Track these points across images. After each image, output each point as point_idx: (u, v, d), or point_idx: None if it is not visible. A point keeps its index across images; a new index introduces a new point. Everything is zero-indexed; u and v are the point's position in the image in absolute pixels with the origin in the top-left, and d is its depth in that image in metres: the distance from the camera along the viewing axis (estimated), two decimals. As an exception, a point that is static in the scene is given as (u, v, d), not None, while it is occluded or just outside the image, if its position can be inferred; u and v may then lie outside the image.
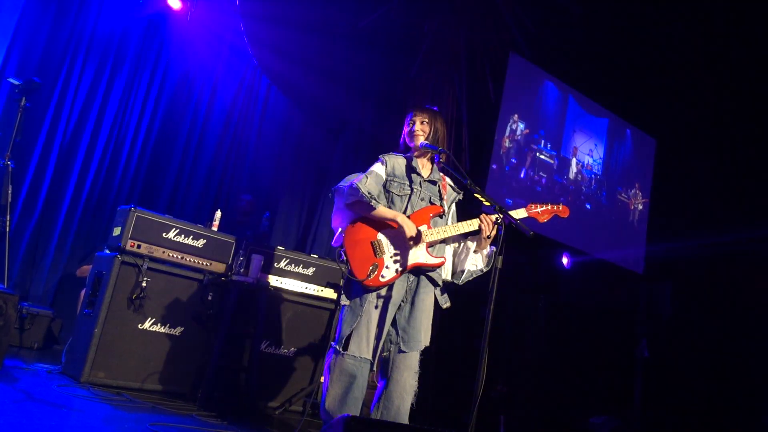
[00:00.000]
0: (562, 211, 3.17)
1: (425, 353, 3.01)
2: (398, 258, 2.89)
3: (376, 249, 2.88)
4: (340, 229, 2.98)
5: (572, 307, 7.91)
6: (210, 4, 6.65)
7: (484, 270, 3.07)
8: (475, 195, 2.88)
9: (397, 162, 3.05)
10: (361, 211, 2.91)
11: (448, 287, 3.12)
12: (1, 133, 4.89)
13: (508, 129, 7.41)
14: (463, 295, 6.17)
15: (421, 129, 3.07)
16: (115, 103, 6.17)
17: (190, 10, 6.16)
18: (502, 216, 2.76)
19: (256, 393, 4.24)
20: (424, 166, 3.09)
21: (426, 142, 3.05)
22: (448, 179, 3.20)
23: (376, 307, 2.85)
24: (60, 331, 5.05)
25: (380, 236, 2.92)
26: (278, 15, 5.75)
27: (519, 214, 3.04)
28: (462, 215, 3.19)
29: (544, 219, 3.15)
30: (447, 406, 6.16)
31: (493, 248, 3.04)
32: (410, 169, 3.04)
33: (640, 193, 8.94)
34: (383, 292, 2.87)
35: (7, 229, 4.37)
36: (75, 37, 5.96)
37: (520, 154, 7.56)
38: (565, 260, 7.91)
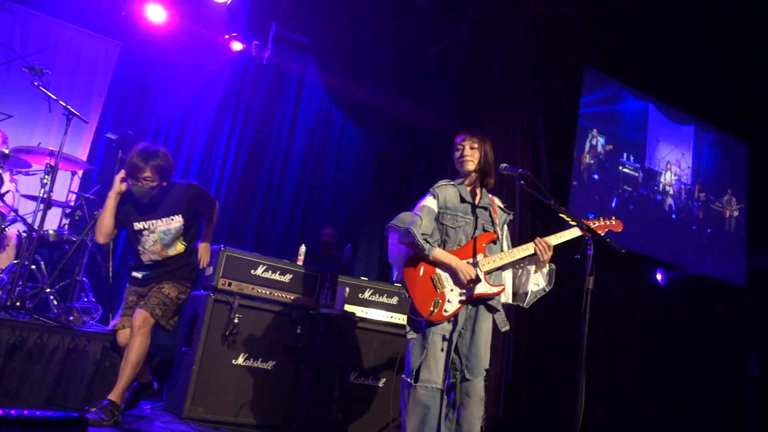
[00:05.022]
0: (615, 225, 3.12)
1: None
2: (459, 290, 2.90)
3: (436, 284, 2.91)
4: (398, 264, 3.00)
5: (671, 326, 7.51)
6: (283, 45, 6.92)
7: (547, 289, 3.06)
8: (560, 215, 2.84)
9: (448, 193, 3.05)
10: (417, 252, 2.93)
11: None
12: (102, 185, 5.24)
13: (588, 144, 7.22)
14: (554, 317, 6.01)
15: (471, 154, 3.06)
16: (200, 148, 6.53)
17: (264, 53, 6.42)
18: (590, 235, 2.70)
19: (347, 424, 4.26)
20: (474, 192, 3.09)
21: (506, 165, 3.04)
22: (497, 201, 3.18)
23: (442, 337, 2.87)
24: (158, 366, 5.29)
25: (439, 270, 2.93)
26: (348, 46, 5.89)
27: (573, 232, 3.00)
28: (544, 234, 3.11)
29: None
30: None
31: (552, 266, 3.03)
32: (461, 198, 3.04)
33: (734, 199, 8.44)
34: (446, 323, 2.89)
35: (110, 274, 4.64)
36: (162, 90, 6.37)
37: (602, 170, 7.33)
38: (659, 276, 7.54)
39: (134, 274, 3.67)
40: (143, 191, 3.44)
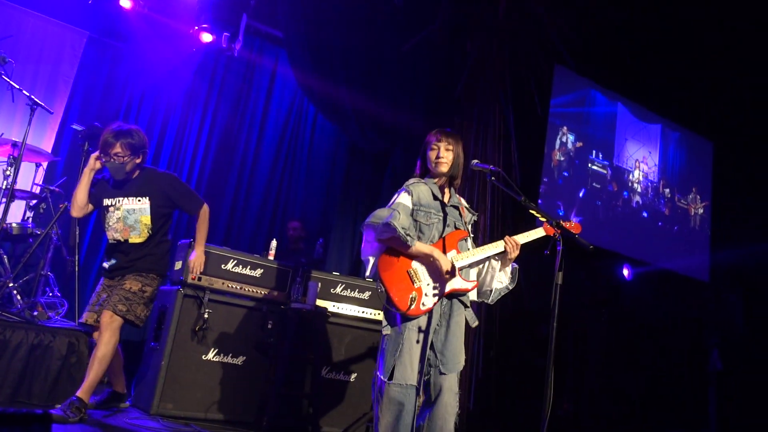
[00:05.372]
0: (574, 227, 3.13)
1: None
2: (435, 285, 2.93)
3: (413, 278, 2.92)
4: (372, 259, 3.00)
5: (636, 320, 7.66)
6: (254, 38, 6.85)
7: (510, 287, 3.14)
8: (530, 211, 2.88)
9: (422, 190, 3.07)
10: (396, 246, 2.94)
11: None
12: (67, 177, 5.13)
13: (558, 142, 7.31)
14: (523, 313, 6.08)
15: (445, 156, 3.08)
16: (170, 141, 6.42)
17: (235, 45, 6.34)
18: (560, 231, 2.74)
19: (319, 419, 4.25)
20: (445, 191, 3.13)
21: (477, 161, 3.12)
22: (463, 201, 3.24)
23: (417, 333, 2.88)
24: (127, 363, 5.20)
25: (414, 264, 2.95)
26: (322, 42, 5.85)
27: (539, 232, 3.08)
28: (515, 229, 3.16)
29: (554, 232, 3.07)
30: (511, 428, 6.03)
31: (515, 266, 3.12)
32: (434, 196, 3.07)
33: (699, 197, 8.64)
34: (422, 318, 2.91)
35: (77, 269, 4.55)
36: (130, 81, 6.25)
37: (571, 167, 7.44)
38: (626, 272, 7.69)
39: (104, 264, 3.70)
40: (116, 168, 3.54)
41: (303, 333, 4.28)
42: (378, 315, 4.64)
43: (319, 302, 4.43)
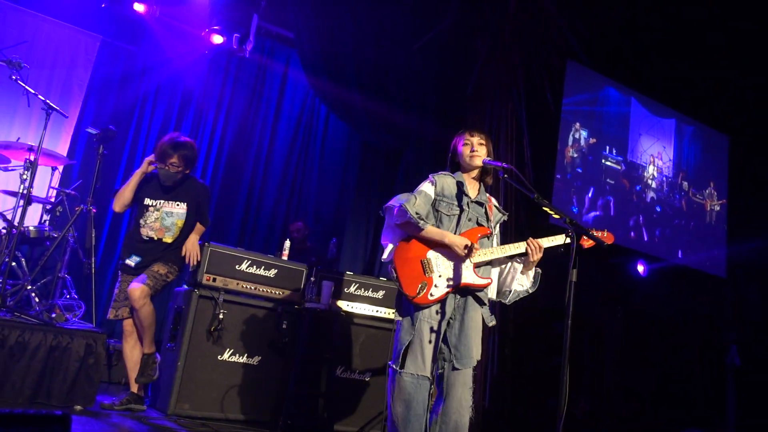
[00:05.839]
0: (607, 237, 3.11)
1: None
2: (447, 277, 2.94)
3: (425, 267, 2.95)
4: (390, 245, 3.05)
5: (652, 317, 7.60)
6: (265, 38, 6.88)
7: (530, 291, 3.12)
8: (544, 209, 2.85)
9: (447, 182, 3.10)
10: (410, 231, 2.98)
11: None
12: (82, 180, 5.19)
13: (571, 138, 7.27)
14: (537, 310, 6.05)
15: (479, 150, 3.10)
16: (183, 143, 6.45)
17: (246, 46, 6.37)
18: (572, 230, 2.72)
19: (334, 418, 4.26)
20: (472, 186, 3.14)
21: (488, 158, 3.10)
22: (494, 200, 3.24)
23: (429, 324, 2.90)
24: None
25: (429, 255, 2.97)
26: (333, 48, 5.87)
27: (558, 240, 3.03)
28: (529, 228, 3.14)
29: (588, 245, 3.03)
30: (527, 426, 6.00)
31: (538, 270, 3.09)
32: (459, 190, 3.08)
33: (716, 193, 8.55)
34: (434, 309, 2.93)
35: (93, 271, 4.59)
36: (144, 84, 6.30)
37: (585, 163, 7.39)
38: (641, 268, 7.63)
39: (127, 261, 3.89)
40: (169, 175, 3.86)
41: (318, 333, 4.30)
42: (392, 314, 4.64)
43: (333, 302, 4.44)
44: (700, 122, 8.56)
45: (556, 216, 2.92)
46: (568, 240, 2.97)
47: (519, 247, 3.01)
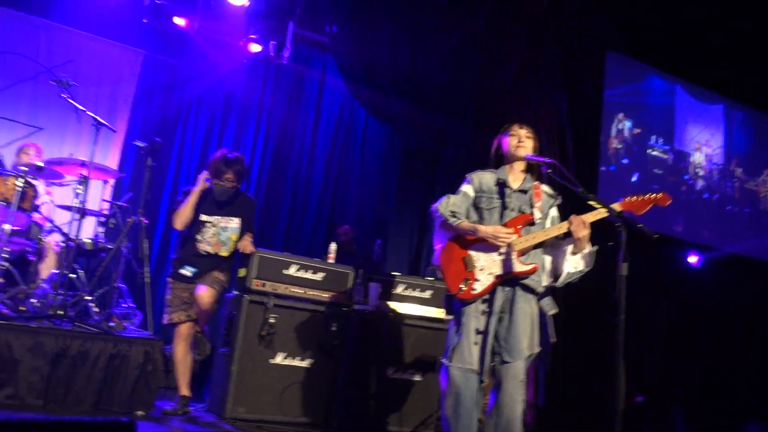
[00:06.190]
0: (662, 198, 2.89)
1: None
2: (489, 269, 2.95)
3: (467, 263, 2.98)
4: (438, 248, 3.09)
5: (705, 308, 7.39)
6: (301, 44, 6.95)
7: (584, 271, 3.00)
8: (589, 202, 2.81)
9: (484, 177, 3.13)
10: (448, 230, 3.03)
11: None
12: (133, 193, 5.34)
13: (614, 129, 7.13)
14: (585, 301, 5.94)
15: (526, 142, 3.10)
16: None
17: (283, 53, 6.45)
18: (621, 221, 2.66)
19: (386, 419, 4.28)
20: (515, 177, 3.10)
21: (529, 154, 3.08)
22: (543, 186, 3.15)
23: (475, 318, 2.93)
24: (199, 369, 5.37)
25: (471, 252, 3.00)
26: (370, 57, 5.92)
27: (602, 213, 2.84)
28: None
29: (642, 210, 2.89)
30: (575, 421, 5.89)
31: (595, 247, 2.98)
32: (498, 182, 3.09)
33: (771, 178, 8.27)
34: (481, 304, 2.95)
35: (147, 280, 4.73)
36: (186, 95, 6.45)
37: (630, 154, 7.24)
38: (694, 258, 7.43)
39: (182, 271, 4.00)
40: (224, 190, 4.01)
41: (367, 334, 4.32)
42: (441, 313, 4.63)
43: (381, 303, 4.46)
44: (751, 107, 8.28)
45: (603, 209, 2.86)
46: (618, 208, 2.82)
47: (561, 228, 2.93)
